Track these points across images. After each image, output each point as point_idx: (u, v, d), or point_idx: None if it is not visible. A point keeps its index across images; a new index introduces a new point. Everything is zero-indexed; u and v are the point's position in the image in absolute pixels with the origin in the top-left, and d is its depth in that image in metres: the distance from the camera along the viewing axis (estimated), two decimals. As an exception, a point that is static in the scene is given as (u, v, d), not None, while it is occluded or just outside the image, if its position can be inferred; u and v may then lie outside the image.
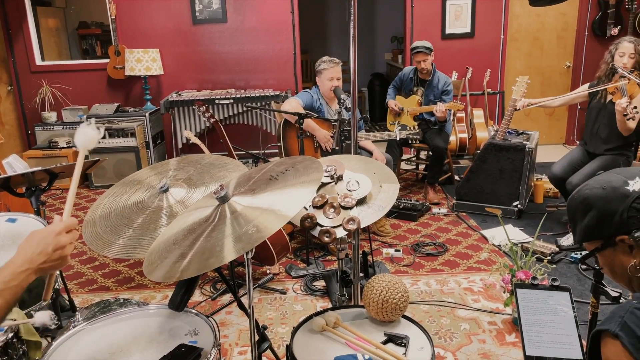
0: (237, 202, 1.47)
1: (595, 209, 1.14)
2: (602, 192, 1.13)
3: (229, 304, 2.90)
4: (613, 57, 3.44)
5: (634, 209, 1.08)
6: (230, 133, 5.25)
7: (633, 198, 1.09)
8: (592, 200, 1.15)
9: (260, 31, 5.51)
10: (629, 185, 1.11)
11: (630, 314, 1.03)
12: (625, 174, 1.14)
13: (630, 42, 3.37)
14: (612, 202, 1.11)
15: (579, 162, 3.65)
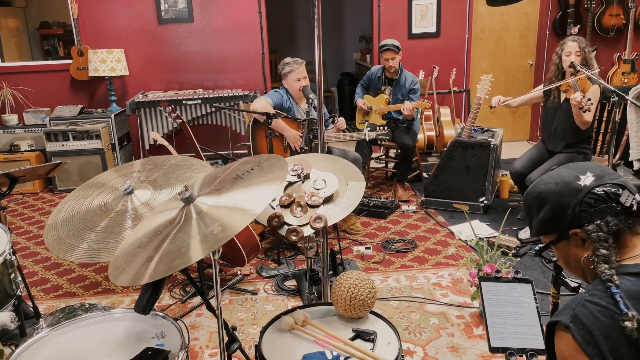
0: (202, 203, 1.46)
1: (549, 203, 1.16)
2: (555, 187, 1.16)
3: (199, 306, 2.87)
4: (560, 58, 3.56)
5: (585, 203, 1.11)
6: (198, 134, 5.21)
7: (584, 193, 1.12)
8: (546, 195, 1.17)
9: (227, 31, 5.47)
10: (581, 180, 1.13)
11: (580, 307, 1.05)
12: (577, 169, 1.17)
13: (573, 41, 3.50)
14: (565, 196, 1.14)
15: (539, 158, 3.75)
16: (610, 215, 1.09)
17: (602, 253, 1.08)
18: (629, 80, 5.50)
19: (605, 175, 1.14)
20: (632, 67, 5.54)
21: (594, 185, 1.12)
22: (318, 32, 1.97)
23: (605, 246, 1.08)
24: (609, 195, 1.10)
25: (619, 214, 1.10)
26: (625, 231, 1.10)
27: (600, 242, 1.09)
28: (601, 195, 1.11)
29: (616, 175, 1.16)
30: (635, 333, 0.98)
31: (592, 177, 1.13)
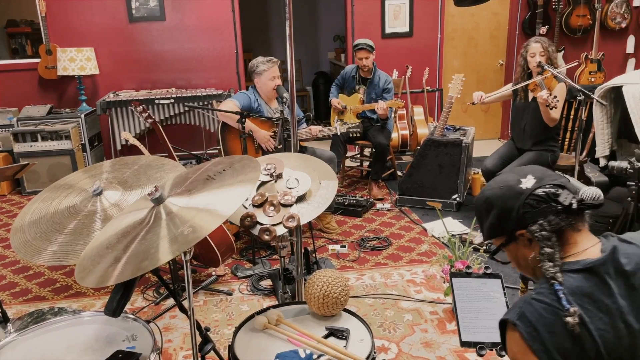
0: (172, 203, 1.45)
1: (495, 207, 1.21)
2: (500, 192, 1.21)
3: (172, 307, 2.84)
4: (525, 59, 3.65)
5: (528, 204, 1.15)
6: (171, 133, 5.15)
7: (526, 195, 1.16)
8: (492, 200, 1.22)
9: (200, 29, 5.42)
10: (522, 184, 1.18)
11: (527, 304, 1.10)
12: (519, 173, 1.21)
13: (536, 42, 3.58)
14: (509, 200, 1.18)
15: (509, 156, 3.83)
16: (552, 215, 1.13)
17: (546, 252, 1.12)
18: (595, 79, 5.65)
19: (545, 177, 1.19)
20: (598, 66, 5.70)
21: (535, 187, 1.16)
22: (290, 31, 1.97)
23: (549, 245, 1.12)
24: (549, 196, 1.15)
25: (560, 213, 1.14)
26: (567, 229, 1.15)
27: (544, 241, 1.13)
28: (542, 196, 1.15)
29: (556, 177, 1.20)
30: (577, 328, 1.02)
31: (533, 179, 1.17)
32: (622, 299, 1.06)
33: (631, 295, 1.07)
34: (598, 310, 1.05)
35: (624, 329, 1.04)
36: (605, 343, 1.03)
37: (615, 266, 1.09)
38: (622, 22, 5.72)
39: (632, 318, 1.05)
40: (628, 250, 1.12)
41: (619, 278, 1.08)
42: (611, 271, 1.09)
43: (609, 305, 1.06)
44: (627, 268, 1.09)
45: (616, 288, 1.07)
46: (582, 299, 1.06)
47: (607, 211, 3.49)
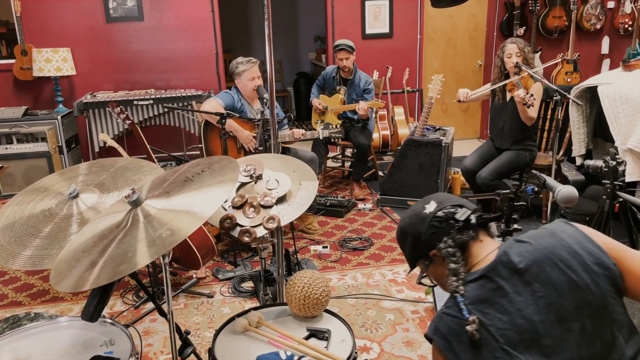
0: (150, 206, 1.43)
1: (409, 235, 1.32)
2: (409, 220, 1.33)
3: (151, 311, 2.81)
4: (502, 60, 3.70)
5: (433, 226, 1.26)
6: (151, 135, 5.09)
7: (430, 217, 1.27)
8: (405, 229, 1.34)
9: (179, 30, 5.37)
10: (426, 209, 1.29)
11: (439, 319, 1.19)
12: (424, 201, 1.34)
13: (512, 42, 3.64)
14: (417, 225, 1.29)
15: (488, 156, 3.88)
16: (454, 231, 1.24)
17: (452, 267, 1.21)
18: (572, 79, 5.75)
19: (445, 200, 1.31)
20: (574, 67, 5.80)
21: (437, 210, 1.28)
22: (268, 31, 1.96)
23: (453, 260, 1.22)
24: (448, 215, 1.26)
25: (462, 229, 1.24)
26: (469, 242, 1.25)
27: (450, 257, 1.22)
28: (442, 216, 1.26)
29: (456, 199, 1.32)
30: (477, 334, 1.11)
31: (435, 204, 1.30)
32: (518, 296, 1.14)
33: (527, 291, 1.14)
34: (497, 312, 1.13)
35: (525, 324, 1.11)
36: (508, 340, 1.10)
37: (508, 267, 1.17)
38: (597, 23, 5.84)
39: (530, 311, 1.12)
40: (521, 249, 1.19)
41: (513, 277, 1.15)
42: (503, 273, 1.17)
43: (506, 305, 1.13)
44: (520, 266, 1.16)
45: (511, 287, 1.14)
46: (482, 305, 1.14)
47: (584, 209, 3.56)
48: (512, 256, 1.17)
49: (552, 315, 1.11)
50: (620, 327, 1.13)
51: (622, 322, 1.13)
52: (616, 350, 1.11)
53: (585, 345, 1.10)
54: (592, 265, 1.14)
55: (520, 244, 1.21)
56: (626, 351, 1.11)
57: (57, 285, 1.32)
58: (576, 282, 1.12)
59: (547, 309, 1.12)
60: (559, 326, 1.11)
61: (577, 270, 1.13)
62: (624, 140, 3.13)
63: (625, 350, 1.11)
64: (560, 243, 1.17)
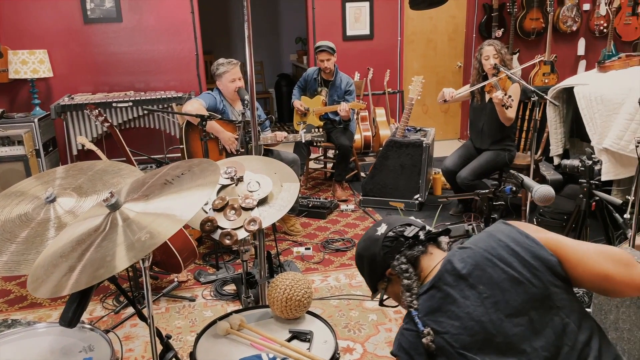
0: (129, 209, 1.42)
1: (365, 258, 1.38)
2: (364, 244, 1.40)
3: (132, 316, 2.77)
4: (480, 62, 3.75)
5: (385, 246, 1.33)
6: (130, 137, 5.03)
7: (382, 239, 1.34)
8: (361, 253, 1.40)
9: (159, 31, 5.32)
10: (378, 231, 1.37)
11: (401, 335, 1.24)
12: (376, 225, 1.41)
13: (489, 45, 3.69)
14: (371, 247, 1.36)
15: (468, 156, 3.93)
16: (405, 248, 1.31)
17: (405, 283, 1.26)
18: (549, 80, 5.85)
19: (395, 222, 1.38)
20: (551, 68, 5.90)
21: (387, 231, 1.35)
22: (248, 33, 1.96)
23: (407, 276, 1.27)
24: (398, 234, 1.33)
25: (412, 245, 1.31)
26: (420, 256, 1.31)
27: (403, 273, 1.28)
28: (393, 236, 1.34)
29: (404, 219, 1.39)
30: (432, 345, 1.15)
31: (385, 226, 1.37)
32: (466, 300, 1.18)
33: (474, 294, 1.18)
34: (449, 319, 1.18)
35: (476, 325, 1.16)
36: (462, 344, 1.15)
37: (453, 274, 1.22)
38: (573, 25, 5.95)
39: (479, 313, 1.16)
40: (463, 255, 1.23)
41: (459, 283, 1.20)
42: (450, 280, 1.21)
43: (456, 311, 1.18)
44: (463, 272, 1.20)
45: (458, 293, 1.19)
46: (434, 315, 1.19)
47: (562, 208, 3.62)
48: (455, 263, 1.22)
49: (500, 313, 1.16)
50: (569, 313, 1.16)
51: (570, 308, 1.17)
52: (568, 336, 1.15)
53: (537, 336, 1.14)
54: (530, 259, 1.18)
55: (462, 250, 1.26)
56: (579, 336, 1.15)
57: (35, 292, 1.30)
58: (516, 277, 1.17)
59: (494, 308, 1.16)
60: (508, 322, 1.15)
61: (516, 266, 1.18)
62: (600, 140, 3.19)
63: (578, 335, 1.15)
64: (498, 243, 1.22)
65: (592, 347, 1.15)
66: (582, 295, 2.75)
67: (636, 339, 1.94)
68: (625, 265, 1.17)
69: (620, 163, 3.13)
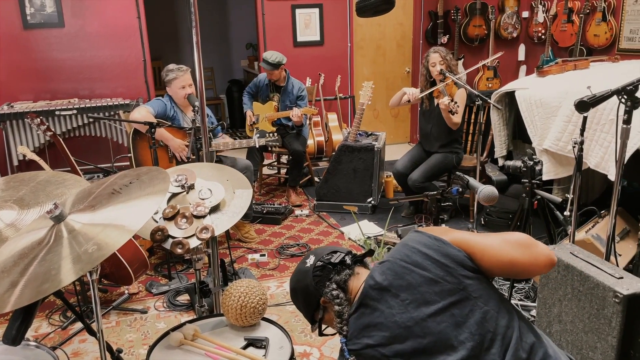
0: (75, 221, 1.37)
1: (299, 291, 1.44)
2: (296, 277, 1.46)
3: (80, 331, 2.67)
4: (427, 69, 3.87)
5: (316, 276, 1.39)
6: (75, 146, 4.86)
7: (311, 270, 1.41)
8: (295, 287, 1.47)
9: (103, 36, 5.17)
10: (307, 264, 1.43)
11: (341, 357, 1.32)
12: (305, 258, 1.47)
13: (435, 52, 3.82)
14: (303, 280, 1.42)
15: (418, 158, 4.04)
16: (334, 274, 1.37)
17: (336, 310, 1.32)
18: (492, 85, 6.08)
19: (322, 252, 1.45)
20: (494, 73, 6.14)
21: (315, 261, 1.42)
22: (197, 39, 1.94)
23: (338, 302, 1.33)
24: (325, 262, 1.40)
25: (340, 271, 1.38)
26: (348, 280, 1.37)
27: (335, 299, 1.33)
28: (321, 265, 1.40)
29: (330, 248, 1.46)
30: None
31: (313, 257, 1.43)
32: (391, 309, 1.25)
33: (397, 302, 1.25)
34: (380, 331, 1.25)
35: (404, 332, 1.23)
36: (396, 352, 1.22)
37: (376, 288, 1.28)
38: (514, 31, 6.21)
39: (404, 319, 1.23)
40: (383, 268, 1.30)
41: (383, 295, 1.27)
42: (374, 294, 1.28)
43: (384, 322, 1.25)
44: (384, 284, 1.27)
45: (383, 305, 1.26)
46: (366, 330, 1.26)
47: (508, 207, 3.77)
48: (376, 277, 1.29)
49: (422, 315, 1.22)
50: (487, 301, 1.24)
51: (488, 296, 1.24)
52: (489, 322, 1.22)
53: (461, 328, 1.21)
54: (440, 258, 1.26)
55: (381, 264, 1.32)
56: (499, 321, 1.22)
57: (-27, 310, 1.23)
58: (432, 278, 1.24)
59: (417, 311, 1.23)
60: (432, 322, 1.21)
61: (430, 268, 1.25)
62: (540, 141, 3.35)
63: (498, 320, 1.22)
64: (411, 250, 1.29)
65: (514, 328, 1.23)
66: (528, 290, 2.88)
67: (578, 329, 2.05)
68: (526, 247, 1.25)
69: (559, 163, 3.29)
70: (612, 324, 1.88)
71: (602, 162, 2.86)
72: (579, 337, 2.04)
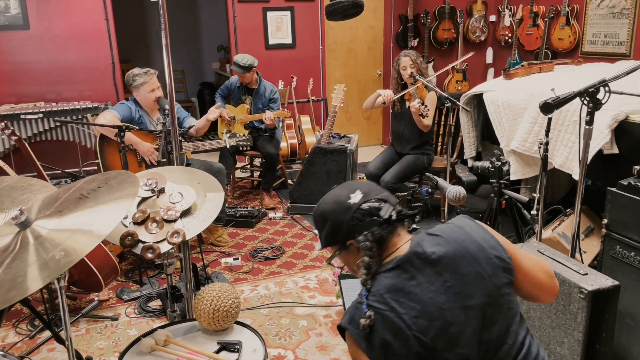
0: (41, 227, 1.34)
1: (329, 220, 1.32)
2: (332, 206, 1.32)
3: (48, 339, 2.61)
4: (398, 72, 3.93)
5: (355, 218, 1.27)
6: (42, 151, 4.74)
7: (354, 209, 1.28)
8: (326, 214, 1.33)
9: (71, 39, 5.06)
10: (351, 199, 1.30)
11: (355, 309, 1.23)
12: (350, 188, 1.33)
13: (405, 55, 3.88)
14: (340, 214, 1.30)
15: (390, 160, 4.09)
16: (375, 226, 1.26)
17: (365, 260, 1.24)
18: (461, 87, 6.20)
19: (371, 192, 1.32)
20: (463, 75, 6.26)
21: (361, 202, 1.28)
22: (166, 42, 1.92)
23: (369, 254, 1.24)
24: (373, 211, 1.27)
25: (382, 224, 1.27)
26: (388, 236, 1.28)
27: (366, 250, 1.24)
28: (366, 210, 1.27)
29: (380, 191, 1.33)
30: (367, 329, 1.17)
31: (360, 194, 1.30)
32: (430, 285, 1.20)
33: (438, 280, 1.21)
34: (410, 301, 1.19)
35: (436, 312, 1.18)
36: (419, 328, 1.17)
37: (422, 257, 1.23)
38: (482, 35, 6.35)
39: (441, 300, 1.20)
40: (434, 242, 1.26)
41: (426, 267, 1.22)
42: (417, 263, 1.22)
43: (419, 294, 1.19)
44: (433, 257, 1.23)
45: (424, 277, 1.21)
46: (397, 294, 1.20)
47: (478, 207, 3.85)
48: (425, 247, 1.24)
49: (459, 303, 1.20)
50: (514, 314, 1.26)
51: (515, 310, 1.27)
52: (510, 335, 1.23)
53: (486, 331, 1.21)
54: (494, 258, 1.25)
55: (432, 236, 1.28)
56: (518, 336, 1.25)
57: None
58: (481, 273, 1.22)
59: (455, 298, 1.20)
60: (464, 314, 1.20)
61: (482, 263, 1.23)
62: (508, 142, 3.43)
63: (517, 335, 1.25)
64: (468, 237, 1.26)
65: (525, 345, 1.25)
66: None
67: (545, 325, 2.10)
68: (551, 276, 1.32)
69: (526, 163, 3.38)
70: (577, 319, 1.94)
71: (566, 162, 2.95)
72: (547, 332, 2.10)
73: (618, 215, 2.15)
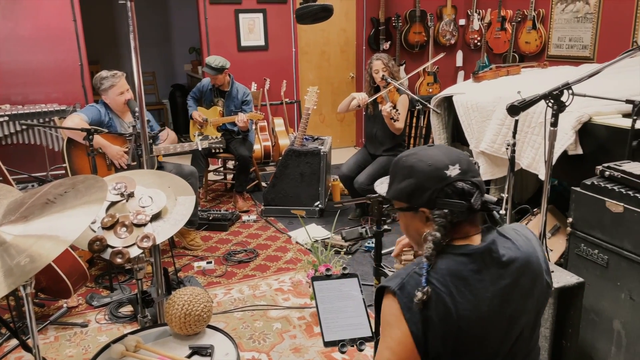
0: (6, 232, 1.31)
1: (414, 178, 1.22)
2: (426, 168, 1.21)
3: (15, 348, 2.54)
4: (371, 75, 3.97)
5: (445, 192, 1.18)
6: (8, 155, 4.61)
7: (446, 183, 1.19)
8: (415, 171, 1.22)
9: (37, 40, 4.94)
10: (449, 170, 1.19)
11: (409, 277, 1.17)
12: (450, 157, 1.22)
13: (377, 59, 3.93)
14: (430, 180, 1.20)
15: (363, 162, 4.12)
16: (459, 209, 1.18)
17: (435, 236, 1.17)
18: (432, 89, 6.29)
19: (469, 171, 1.22)
20: (434, 78, 6.35)
21: (458, 178, 1.19)
22: (135, 44, 1.90)
23: (441, 231, 1.17)
24: (464, 193, 1.19)
25: (466, 210, 1.18)
26: (464, 222, 1.21)
27: (439, 226, 1.17)
28: (459, 190, 1.19)
29: (476, 173, 1.25)
30: (421, 304, 1.11)
31: (458, 170, 1.20)
32: (492, 285, 1.17)
33: (500, 284, 1.18)
34: (470, 293, 1.15)
35: (486, 313, 1.15)
36: (466, 322, 1.13)
37: (493, 256, 1.19)
38: (452, 38, 6.46)
39: (495, 304, 1.17)
40: (505, 245, 1.22)
41: (494, 267, 1.18)
42: (488, 260, 1.18)
43: (480, 290, 1.16)
44: (503, 259, 1.19)
45: (489, 275, 1.17)
46: (459, 281, 1.15)
47: (449, 207, 3.89)
48: (499, 248, 1.20)
49: (506, 312, 1.18)
50: (536, 341, 1.28)
51: (537, 336, 1.29)
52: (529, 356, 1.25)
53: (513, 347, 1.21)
54: (544, 281, 1.25)
55: (504, 239, 1.24)
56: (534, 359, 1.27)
57: None
58: (533, 292, 1.22)
59: (505, 305, 1.18)
60: (505, 325, 1.18)
61: (537, 283, 1.23)
62: (477, 143, 3.49)
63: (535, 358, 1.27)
64: (534, 252, 1.25)
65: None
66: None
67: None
68: None
69: (495, 164, 3.45)
70: (544, 315, 2.00)
71: (533, 163, 3.02)
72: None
73: (582, 214, 2.22)
